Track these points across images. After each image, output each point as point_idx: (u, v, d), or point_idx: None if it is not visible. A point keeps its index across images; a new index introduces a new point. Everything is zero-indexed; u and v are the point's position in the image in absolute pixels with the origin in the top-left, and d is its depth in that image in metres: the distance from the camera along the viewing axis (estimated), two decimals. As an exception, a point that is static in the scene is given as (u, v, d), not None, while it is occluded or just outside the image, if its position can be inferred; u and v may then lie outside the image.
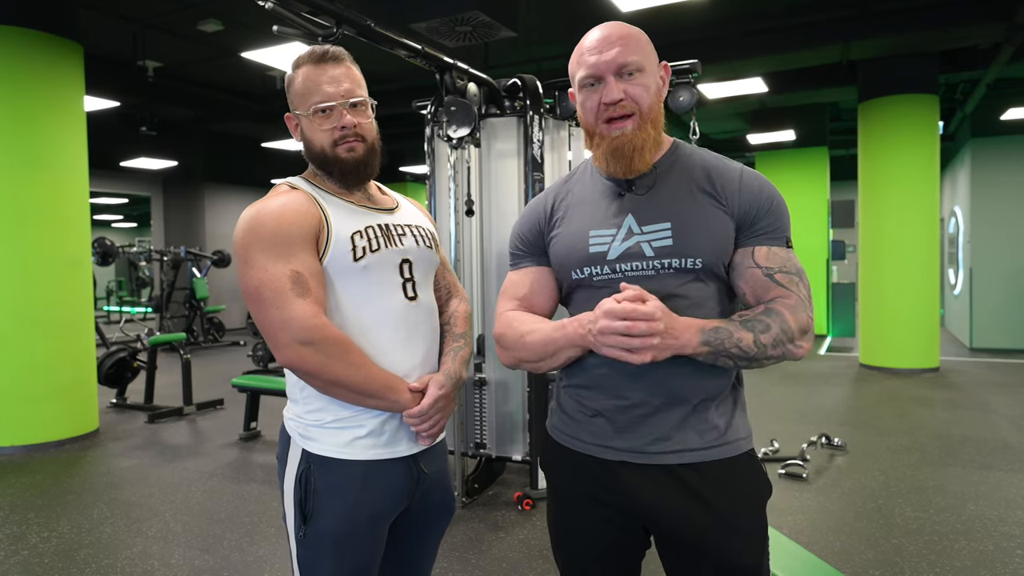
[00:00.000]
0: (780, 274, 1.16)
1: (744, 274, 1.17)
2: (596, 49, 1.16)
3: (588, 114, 1.20)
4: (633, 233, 1.18)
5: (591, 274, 1.20)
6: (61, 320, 4.75)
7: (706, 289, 1.17)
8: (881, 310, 7.17)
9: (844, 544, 2.99)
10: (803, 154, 10.15)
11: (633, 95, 1.15)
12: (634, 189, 1.21)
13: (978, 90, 7.30)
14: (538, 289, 1.30)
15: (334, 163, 1.32)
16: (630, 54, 1.15)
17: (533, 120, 3.52)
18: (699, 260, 1.15)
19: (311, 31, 2.59)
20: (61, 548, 3.08)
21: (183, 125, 9.53)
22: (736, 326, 1.10)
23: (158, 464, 4.32)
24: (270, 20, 2.60)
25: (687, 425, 1.15)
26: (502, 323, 1.28)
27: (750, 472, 1.19)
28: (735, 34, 5.98)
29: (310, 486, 1.27)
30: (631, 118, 1.16)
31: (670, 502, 1.15)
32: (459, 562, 2.88)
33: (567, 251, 1.23)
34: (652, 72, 1.18)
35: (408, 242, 1.38)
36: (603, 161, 1.20)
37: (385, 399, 1.27)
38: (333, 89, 1.30)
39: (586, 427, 1.22)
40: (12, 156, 4.52)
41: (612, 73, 1.15)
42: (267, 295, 1.20)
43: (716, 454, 1.16)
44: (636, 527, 1.21)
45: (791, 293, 1.15)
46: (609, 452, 1.19)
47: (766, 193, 1.19)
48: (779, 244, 1.18)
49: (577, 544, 1.25)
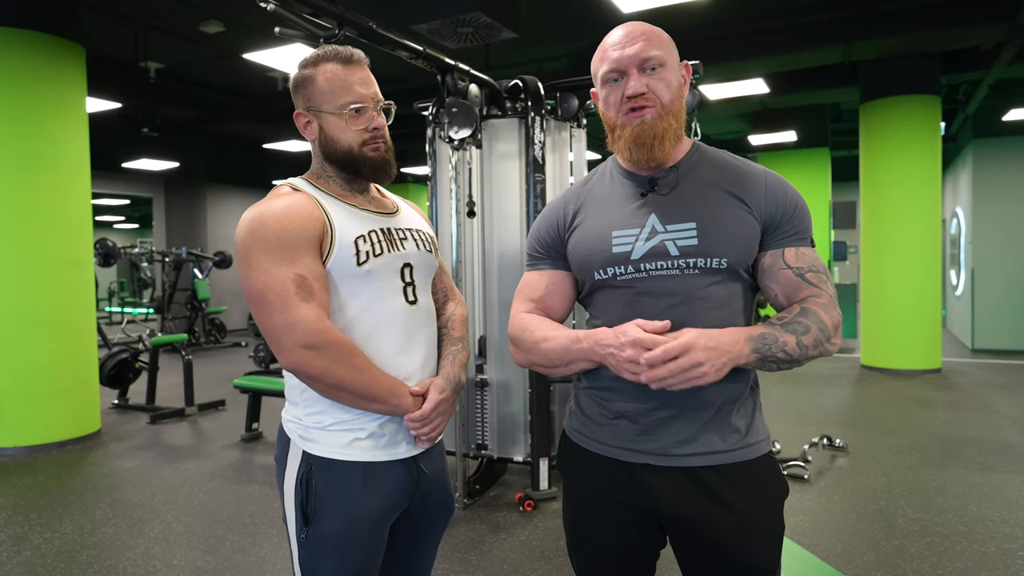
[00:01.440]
0: (810, 273, 1.18)
1: (776, 276, 1.19)
2: (619, 45, 1.18)
3: (611, 109, 1.21)
4: (657, 232, 1.18)
5: (615, 274, 1.20)
6: (63, 321, 4.76)
7: (729, 290, 1.18)
8: (883, 311, 7.17)
9: (846, 545, 2.99)
10: (805, 155, 10.14)
11: (655, 89, 1.17)
12: (656, 189, 1.21)
13: (980, 91, 7.28)
14: (554, 291, 1.30)
15: (362, 162, 1.32)
16: (652, 49, 1.16)
17: (534, 121, 3.52)
18: (724, 260, 1.15)
19: (313, 32, 2.59)
20: (63, 549, 3.08)
21: (185, 126, 9.54)
22: (779, 330, 1.11)
23: (160, 465, 4.32)
24: (272, 22, 2.60)
25: (710, 428, 1.15)
26: (516, 325, 1.29)
27: (769, 473, 1.21)
28: (736, 35, 5.98)
29: (311, 488, 1.27)
30: (652, 108, 1.17)
31: (692, 504, 1.16)
32: (460, 563, 2.88)
33: (589, 251, 1.22)
34: (674, 68, 1.20)
35: (410, 246, 1.38)
36: (625, 150, 1.20)
37: (387, 403, 1.27)
38: (365, 91, 1.31)
39: (608, 429, 1.22)
40: (14, 157, 4.53)
41: (635, 67, 1.16)
42: (271, 299, 1.20)
43: (738, 456, 1.17)
44: (654, 528, 1.22)
45: (822, 292, 1.17)
46: (632, 455, 1.19)
47: (791, 196, 1.21)
48: (805, 244, 1.20)
49: (594, 545, 1.26)
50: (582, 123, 3.96)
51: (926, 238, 6.94)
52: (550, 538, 3.10)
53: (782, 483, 1.23)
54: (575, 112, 3.81)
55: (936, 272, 7.03)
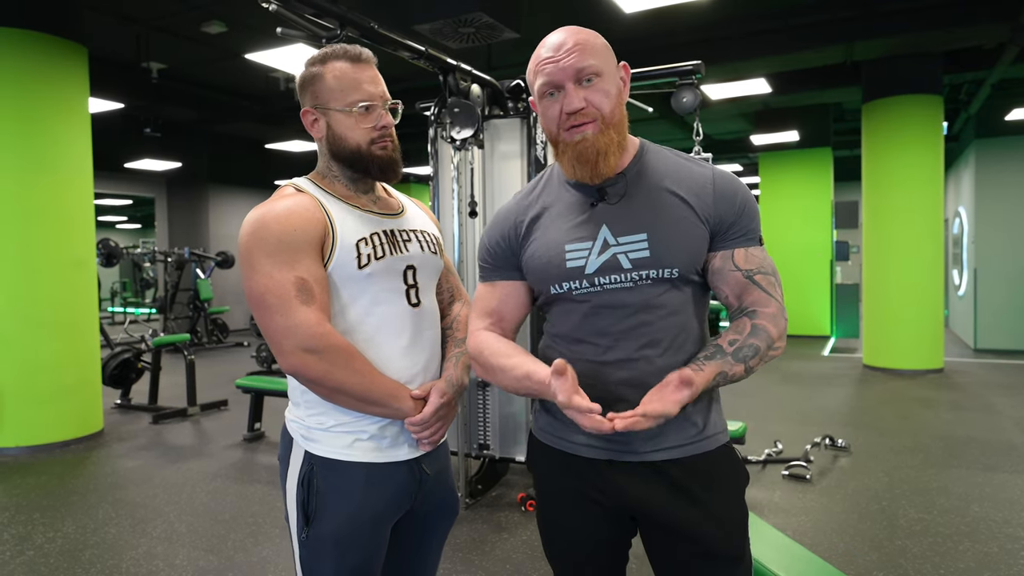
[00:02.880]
0: (759, 276, 1.19)
1: (726, 277, 1.20)
2: (552, 58, 1.15)
3: (550, 123, 1.19)
4: (609, 245, 1.18)
5: (570, 288, 1.20)
6: (66, 321, 4.77)
7: (682, 295, 1.20)
8: (885, 311, 7.16)
9: (848, 545, 2.99)
10: (807, 155, 10.13)
11: (594, 102, 1.14)
12: (606, 199, 1.21)
13: (982, 90, 7.27)
14: (506, 302, 1.31)
15: (370, 160, 1.32)
16: (588, 58, 1.14)
17: (536, 121, 3.52)
18: (676, 269, 1.17)
19: (315, 33, 2.59)
20: (66, 548, 3.09)
21: (187, 126, 9.55)
22: (729, 363, 1.14)
23: (162, 465, 4.33)
24: (274, 22, 2.60)
25: (669, 424, 1.16)
26: (474, 343, 1.29)
27: (728, 462, 1.24)
28: (738, 35, 5.97)
29: (313, 487, 1.27)
30: (592, 123, 1.15)
31: (658, 496, 1.19)
32: (462, 563, 2.88)
33: (543, 266, 1.22)
34: (611, 75, 1.17)
35: (413, 248, 1.37)
36: (569, 167, 1.20)
37: (388, 407, 1.27)
38: (374, 89, 1.31)
39: (572, 427, 1.22)
40: (17, 157, 4.54)
41: (571, 80, 1.14)
42: (272, 302, 1.20)
43: (698, 448, 1.20)
44: (625, 521, 1.25)
45: (771, 299, 1.18)
46: (597, 451, 1.22)
47: (740, 196, 1.20)
48: (754, 244, 1.21)
49: (568, 542, 1.28)
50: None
51: (928, 238, 6.93)
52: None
53: (742, 471, 1.26)
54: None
55: (938, 272, 7.02)
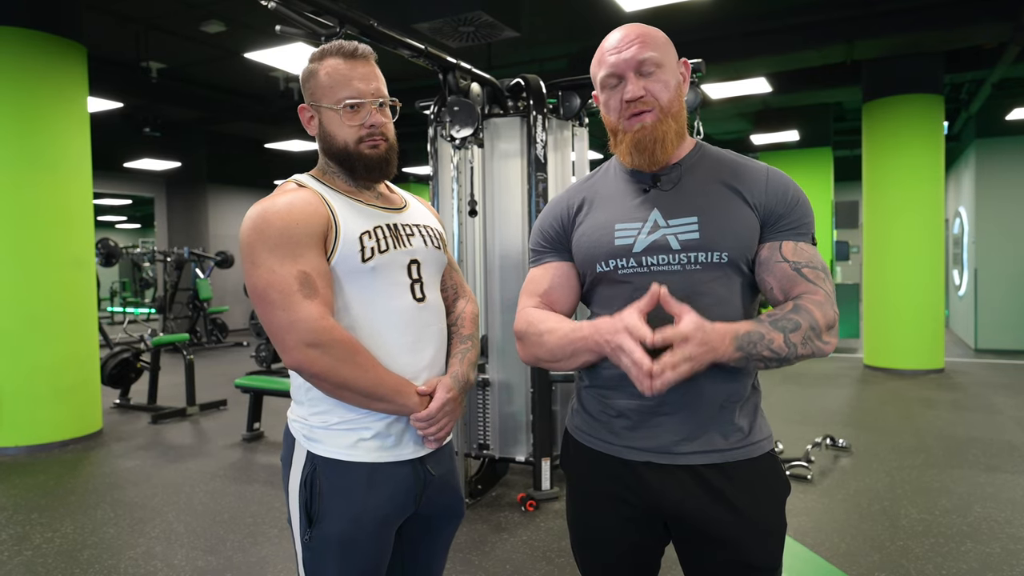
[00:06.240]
0: (807, 269, 1.16)
1: (772, 268, 1.17)
2: (616, 49, 1.18)
3: (611, 112, 1.22)
4: (659, 226, 1.18)
5: (616, 267, 1.20)
6: (65, 321, 4.75)
7: (731, 285, 1.18)
8: (885, 311, 7.15)
9: (849, 546, 2.98)
10: (807, 154, 10.12)
11: (653, 91, 1.17)
12: (659, 185, 1.22)
13: (983, 90, 7.26)
14: (558, 285, 1.29)
15: (357, 159, 1.30)
16: (648, 51, 1.17)
17: (536, 120, 3.51)
18: (725, 254, 1.15)
19: (314, 31, 2.58)
20: (64, 548, 3.08)
21: (186, 126, 9.54)
22: (766, 327, 1.09)
23: (161, 465, 4.32)
24: (273, 21, 2.59)
25: (711, 426, 1.15)
26: (522, 319, 1.28)
27: (772, 472, 1.21)
28: (738, 34, 5.97)
29: (315, 488, 1.26)
30: (651, 112, 1.18)
31: (695, 502, 1.16)
32: (462, 563, 2.87)
33: (592, 244, 1.23)
34: (671, 69, 1.20)
35: (416, 242, 1.36)
36: (627, 155, 1.21)
37: (393, 402, 1.26)
38: (364, 86, 1.29)
39: (609, 427, 1.21)
40: (16, 157, 4.53)
41: (632, 71, 1.17)
42: (274, 296, 1.18)
43: (741, 454, 1.17)
44: (658, 525, 1.22)
45: (818, 289, 1.14)
46: (633, 452, 1.19)
47: (792, 190, 1.20)
48: (805, 240, 1.19)
49: (599, 543, 1.26)
50: (584, 122, 3.95)
51: (929, 238, 6.92)
52: (552, 538, 3.09)
53: (784, 482, 1.23)
54: (577, 111, 3.80)
55: (939, 272, 7.01)
